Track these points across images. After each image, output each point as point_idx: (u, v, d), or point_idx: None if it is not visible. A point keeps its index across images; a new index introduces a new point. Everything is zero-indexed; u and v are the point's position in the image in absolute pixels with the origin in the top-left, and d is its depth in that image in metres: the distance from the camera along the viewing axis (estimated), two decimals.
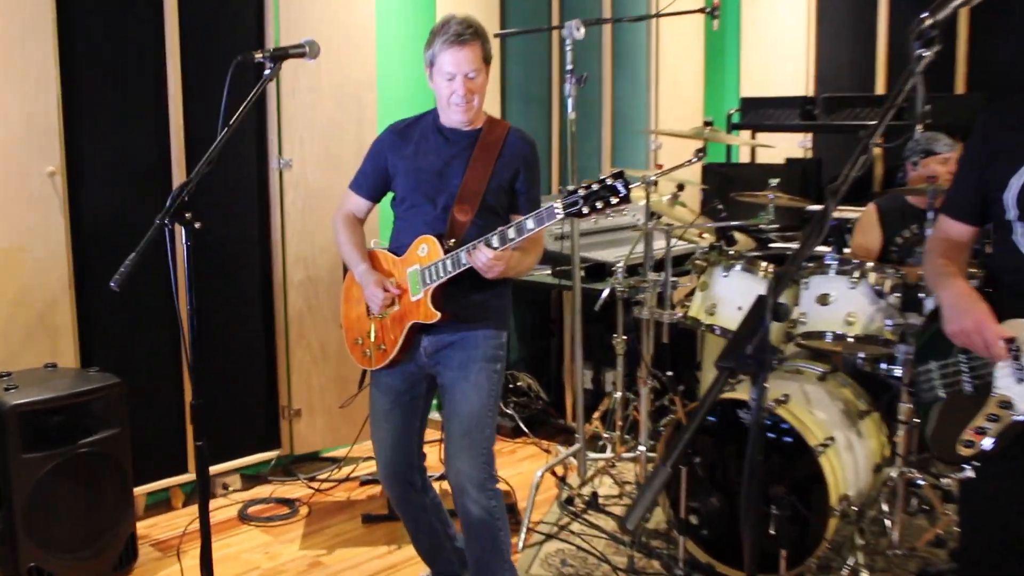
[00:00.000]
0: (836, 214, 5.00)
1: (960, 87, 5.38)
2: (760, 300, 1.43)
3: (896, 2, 5.68)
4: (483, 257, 2.68)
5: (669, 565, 3.43)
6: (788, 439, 3.22)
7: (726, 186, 5.15)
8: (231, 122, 2.46)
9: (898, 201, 4.13)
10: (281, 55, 2.58)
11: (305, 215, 4.30)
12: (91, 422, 3.33)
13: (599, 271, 4.59)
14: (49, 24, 3.47)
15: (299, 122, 4.24)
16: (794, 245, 5.01)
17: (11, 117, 3.42)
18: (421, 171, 2.90)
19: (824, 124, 5.48)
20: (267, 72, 2.55)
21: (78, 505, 3.27)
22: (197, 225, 2.40)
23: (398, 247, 2.95)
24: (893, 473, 3.45)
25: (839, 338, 3.27)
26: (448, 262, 2.78)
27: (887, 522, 3.45)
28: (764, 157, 6.01)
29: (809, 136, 6.06)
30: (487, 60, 2.86)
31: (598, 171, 5.87)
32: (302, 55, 2.63)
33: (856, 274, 3.28)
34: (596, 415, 4.53)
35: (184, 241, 2.42)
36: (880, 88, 5.74)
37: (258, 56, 2.53)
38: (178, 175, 3.87)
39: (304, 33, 2.76)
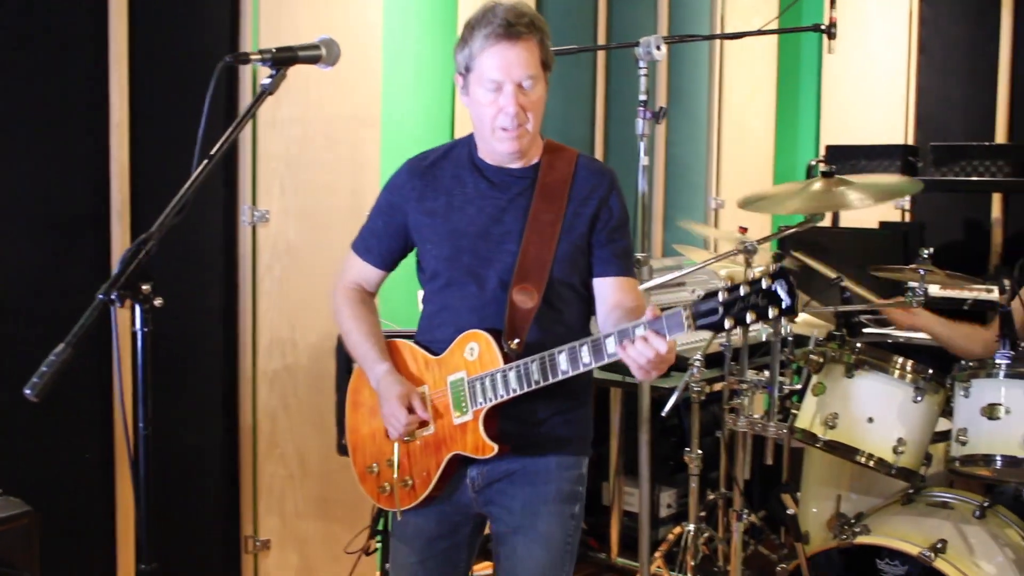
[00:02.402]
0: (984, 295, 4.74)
1: None
2: None
3: None
4: (651, 351, 2.10)
5: None
6: None
7: (815, 256, 4.95)
8: (212, 152, 2.00)
9: None
10: (287, 58, 2.11)
11: (284, 284, 3.91)
12: None
13: None
14: None
15: (279, 163, 3.89)
16: (897, 332, 4.78)
17: None
18: (459, 234, 2.43)
19: (933, 179, 5.24)
20: (266, 82, 2.08)
21: None
22: (157, 302, 1.94)
23: (431, 341, 2.48)
24: None
25: (1014, 464, 3.01)
26: (512, 376, 2.29)
27: None
28: (850, 220, 5.82)
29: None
30: (547, 66, 2.38)
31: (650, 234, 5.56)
32: (316, 60, 2.17)
33: None
34: (660, 551, 4.13)
35: (139, 326, 1.95)
36: (1001, 135, 5.57)
37: (255, 58, 2.07)
38: (119, 228, 3.47)
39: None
